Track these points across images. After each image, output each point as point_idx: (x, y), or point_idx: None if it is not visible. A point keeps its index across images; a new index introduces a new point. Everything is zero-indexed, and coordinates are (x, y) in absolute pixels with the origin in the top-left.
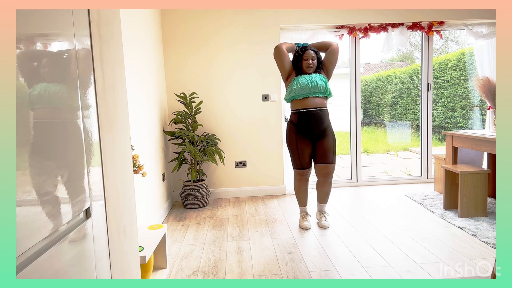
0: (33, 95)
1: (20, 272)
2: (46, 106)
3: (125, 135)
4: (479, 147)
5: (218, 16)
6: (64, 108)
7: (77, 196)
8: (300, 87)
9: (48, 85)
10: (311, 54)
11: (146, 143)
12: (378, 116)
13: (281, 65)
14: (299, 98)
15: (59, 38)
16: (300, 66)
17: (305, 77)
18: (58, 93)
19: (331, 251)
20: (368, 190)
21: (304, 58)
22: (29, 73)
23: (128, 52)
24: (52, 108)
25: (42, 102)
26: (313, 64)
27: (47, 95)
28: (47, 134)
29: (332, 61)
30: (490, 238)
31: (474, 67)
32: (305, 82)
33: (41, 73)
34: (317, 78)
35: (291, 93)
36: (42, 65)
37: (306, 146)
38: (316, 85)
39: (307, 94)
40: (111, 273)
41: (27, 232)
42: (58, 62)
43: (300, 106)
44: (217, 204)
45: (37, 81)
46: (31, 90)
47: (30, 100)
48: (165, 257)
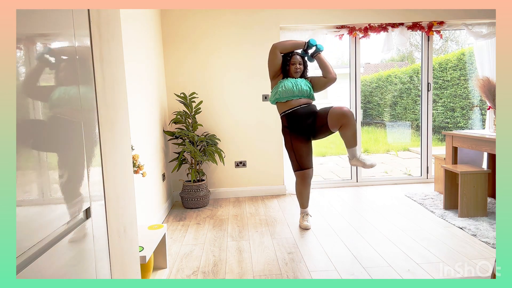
0: (33, 95)
1: (20, 272)
2: (46, 106)
3: (125, 135)
4: (479, 147)
5: (218, 16)
6: (64, 108)
7: (77, 196)
8: (285, 90)
9: (48, 85)
10: (298, 59)
11: (146, 143)
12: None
13: (270, 64)
14: (283, 100)
15: (59, 38)
16: (287, 70)
17: (291, 80)
18: (58, 93)
19: (331, 251)
20: (368, 190)
21: (292, 62)
22: (29, 73)
23: (128, 52)
24: (52, 108)
25: (42, 102)
26: (300, 69)
27: (47, 95)
28: (47, 134)
29: (319, 88)
30: (490, 238)
31: (474, 67)
32: (290, 85)
33: (41, 73)
34: (302, 83)
35: (276, 95)
36: (42, 65)
37: (302, 146)
38: (300, 89)
39: (290, 97)
40: (111, 273)
41: (27, 232)
42: (58, 62)
43: (285, 108)
44: (217, 204)
45: (37, 81)
46: (31, 90)
47: (31, 100)
48: (165, 257)
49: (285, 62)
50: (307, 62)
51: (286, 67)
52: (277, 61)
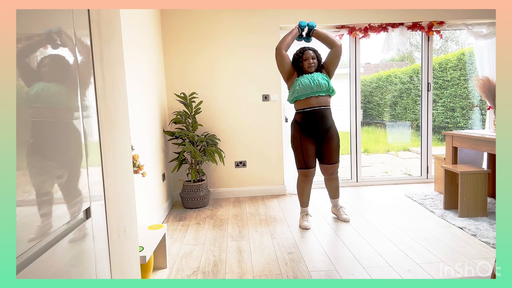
0: (33, 95)
1: (20, 272)
2: (46, 106)
3: (125, 135)
4: (479, 147)
5: (218, 16)
6: (64, 108)
7: (77, 196)
8: (303, 87)
9: (48, 85)
10: (310, 54)
11: (146, 143)
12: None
13: (280, 67)
14: (302, 98)
15: (59, 38)
16: (301, 67)
17: (307, 76)
18: (58, 93)
19: (331, 251)
20: (368, 190)
21: (304, 58)
22: (29, 73)
23: (128, 52)
24: (52, 108)
25: (42, 102)
26: (314, 63)
27: (47, 95)
28: (47, 134)
29: (334, 63)
30: (490, 238)
31: (474, 67)
32: (307, 82)
33: (41, 73)
34: (319, 77)
35: (294, 94)
36: (42, 65)
37: (310, 145)
38: (318, 84)
39: (310, 94)
40: (111, 273)
41: (27, 232)
42: (58, 62)
43: (304, 105)
44: (217, 204)
45: (37, 81)
46: (31, 90)
47: (30, 100)
48: (165, 257)
49: (297, 60)
50: (320, 55)
51: (299, 64)
52: (286, 61)
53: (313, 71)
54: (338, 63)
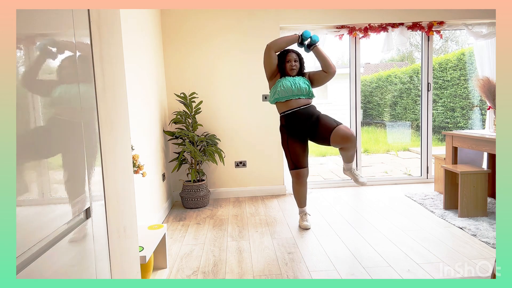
0: (33, 95)
1: (20, 272)
2: (46, 106)
3: (125, 135)
4: (479, 147)
5: (218, 16)
6: (64, 108)
7: (77, 196)
8: (284, 89)
9: (48, 85)
10: (293, 56)
11: (146, 143)
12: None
13: (266, 65)
14: (282, 100)
15: (59, 38)
16: (283, 68)
17: (289, 79)
18: (58, 93)
19: (331, 251)
20: (368, 190)
21: (287, 60)
22: (29, 73)
23: (128, 52)
24: (52, 108)
25: (42, 102)
26: (295, 66)
27: (47, 95)
28: (47, 134)
29: (320, 83)
30: (490, 238)
31: (474, 67)
32: (289, 84)
33: (41, 73)
34: (300, 81)
35: (275, 95)
36: (42, 65)
37: (297, 146)
38: (299, 87)
39: (290, 97)
40: (111, 273)
41: (27, 232)
42: (58, 62)
43: (285, 108)
44: (217, 204)
45: (37, 81)
46: (31, 90)
47: (30, 100)
48: (165, 257)
49: (281, 60)
50: (303, 59)
51: (282, 65)
52: (272, 61)
53: (294, 74)
54: (322, 85)
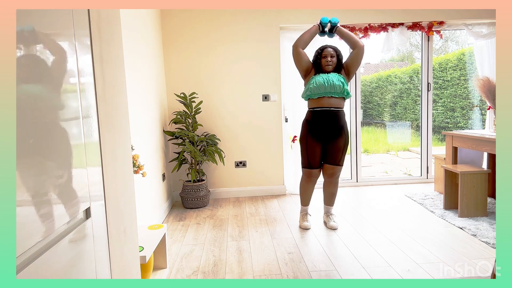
0: (33, 95)
1: (20, 272)
2: (46, 106)
3: (125, 135)
4: (479, 147)
5: (218, 16)
6: (64, 108)
7: (77, 196)
8: (316, 86)
9: (48, 85)
10: (330, 51)
11: (146, 143)
12: (378, 116)
13: (297, 64)
14: (314, 97)
15: (59, 38)
16: (319, 64)
17: (323, 76)
18: (58, 93)
19: (331, 251)
20: (368, 190)
21: (323, 55)
22: (29, 73)
23: (128, 52)
24: (52, 108)
25: (42, 102)
26: (332, 61)
27: (47, 95)
28: (46, 134)
29: (355, 64)
30: (490, 238)
31: (474, 67)
32: (321, 81)
33: (41, 73)
34: (334, 78)
35: (307, 92)
36: (42, 65)
37: (316, 146)
38: (332, 85)
39: (322, 94)
40: (111, 273)
41: (27, 232)
42: (58, 62)
43: (315, 105)
44: (217, 204)
45: (37, 81)
46: (31, 90)
47: (30, 100)
48: (165, 257)
49: (316, 56)
50: (341, 54)
51: (318, 61)
52: (302, 58)
53: (330, 70)
54: (359, 64)
